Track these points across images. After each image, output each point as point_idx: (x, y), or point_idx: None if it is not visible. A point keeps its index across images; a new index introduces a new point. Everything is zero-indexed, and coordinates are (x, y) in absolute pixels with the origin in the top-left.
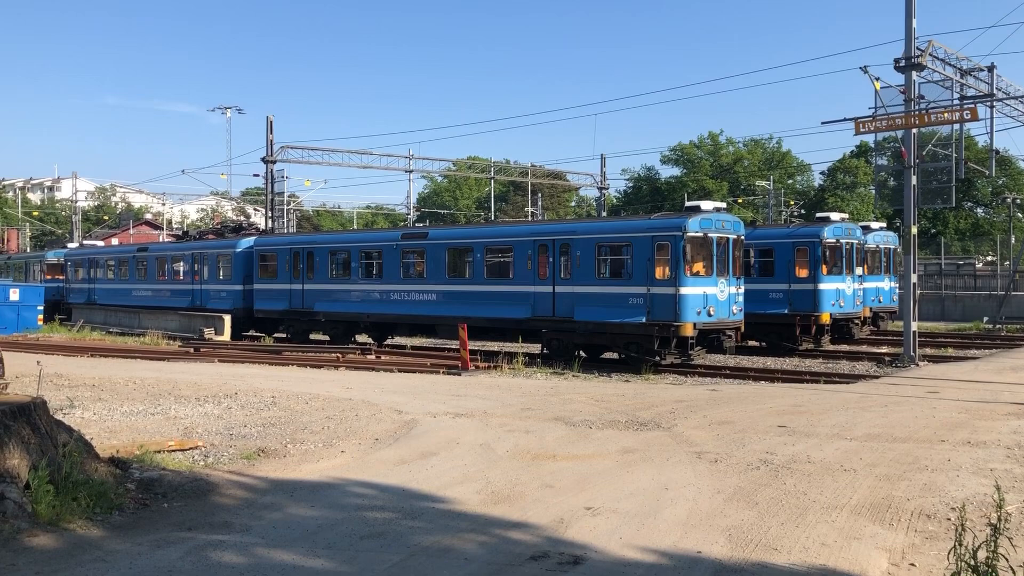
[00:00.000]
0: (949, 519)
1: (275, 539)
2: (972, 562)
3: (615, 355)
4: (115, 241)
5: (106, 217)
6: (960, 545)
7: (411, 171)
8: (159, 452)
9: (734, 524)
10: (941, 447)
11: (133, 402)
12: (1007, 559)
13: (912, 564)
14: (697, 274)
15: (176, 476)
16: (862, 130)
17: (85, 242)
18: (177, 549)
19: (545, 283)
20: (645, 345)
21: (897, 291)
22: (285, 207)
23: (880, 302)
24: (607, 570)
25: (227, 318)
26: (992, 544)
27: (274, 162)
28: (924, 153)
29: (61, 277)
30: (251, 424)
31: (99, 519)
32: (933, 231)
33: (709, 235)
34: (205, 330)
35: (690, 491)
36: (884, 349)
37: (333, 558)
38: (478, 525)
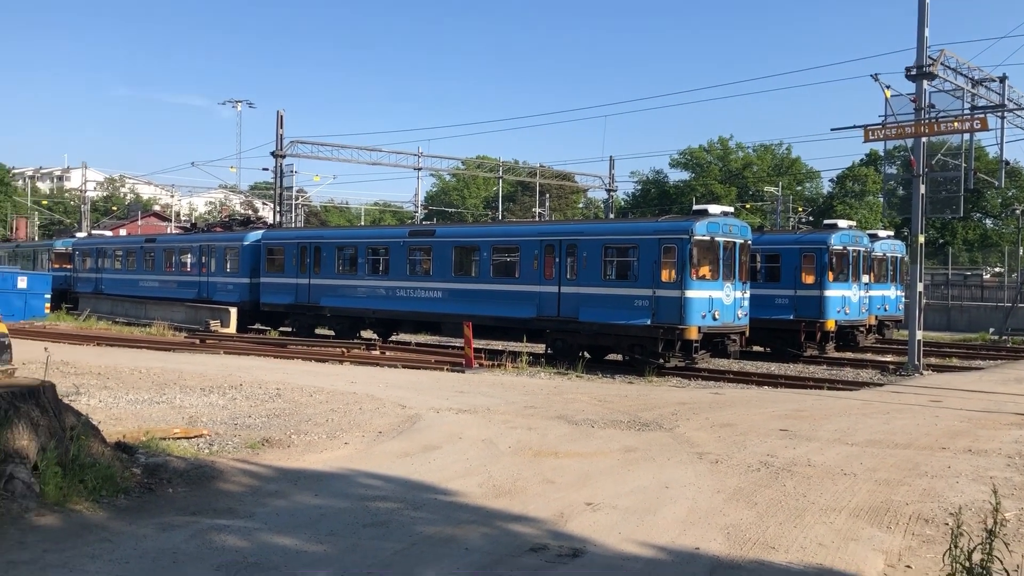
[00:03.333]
0: (947, 524)
1: (279, 525)
2: (967, 564)
3: (619, 357)
4: (123, 232)
5: (115, 208)
6: (955, 547)
7: (420, 169)
8: (164, 439)
9: (733, 523)
10: (942, 454)
11: (139, 391)
12: (1001, 562)
13: (908, 566)
14: (703, 278)
15: (181, 462)
16: (871, 138)
17: (93, 232)
18: (182, 533)
19: (551, 283)
20: (649, 347)
21: (903, 300)
22: (293, 202)
23: (886, 310)
24: (606, 563)
25: (233, 311)
26: (988, 547)
27: (283, 156)
28: (933, 162)
29: (69, 266)
30: (256, 415)
31: (105, 502)
32: (941, 241)
33: (716, 239)
34: (211, 322)
35: (690, 490)
36: (889, 357)
37: (336, 545)
38: (480, 517)
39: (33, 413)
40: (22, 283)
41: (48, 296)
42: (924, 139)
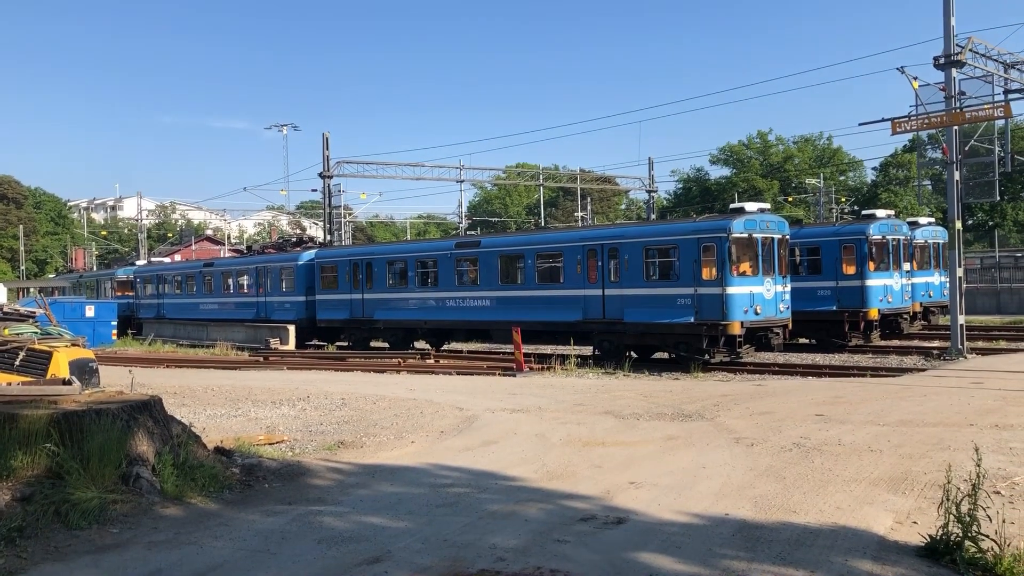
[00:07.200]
0: (960, 489)
1: (364, 509)
2: (956, 513)
3: (665, 355)
4: (178, 257)
5: (170, 234)
6: (948, 500)
7: (462, 181)
8: (253, 445)
9: (761, 494)
10: (968, 430)
11: (215, 406)
12: (985, 510)
13: (914, 522)
14: (743, 274)
15: (273, 462)
16: (899, 130)
17: (152, 259)
18: (284, 517)
19: (595, 287)
20: (694, 344)
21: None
22: (342, 220)
23: (931, 296)
24: (646, 528)
25: (291, 328)
26: (973, 499)
27: (331, 177)
28: (967, 148)
29: (131, 293)
30: (326, 422)
31: (213, 495)
32: (991, 223)
33: (754, 235)
34: (271, 340)
35: (725, 469)
36: (935, 343)
37: (414, 521)
38: (536, 496)
39: (148, 423)
40: (90, 312)
41: (114, 323)
42: (955, 127)
